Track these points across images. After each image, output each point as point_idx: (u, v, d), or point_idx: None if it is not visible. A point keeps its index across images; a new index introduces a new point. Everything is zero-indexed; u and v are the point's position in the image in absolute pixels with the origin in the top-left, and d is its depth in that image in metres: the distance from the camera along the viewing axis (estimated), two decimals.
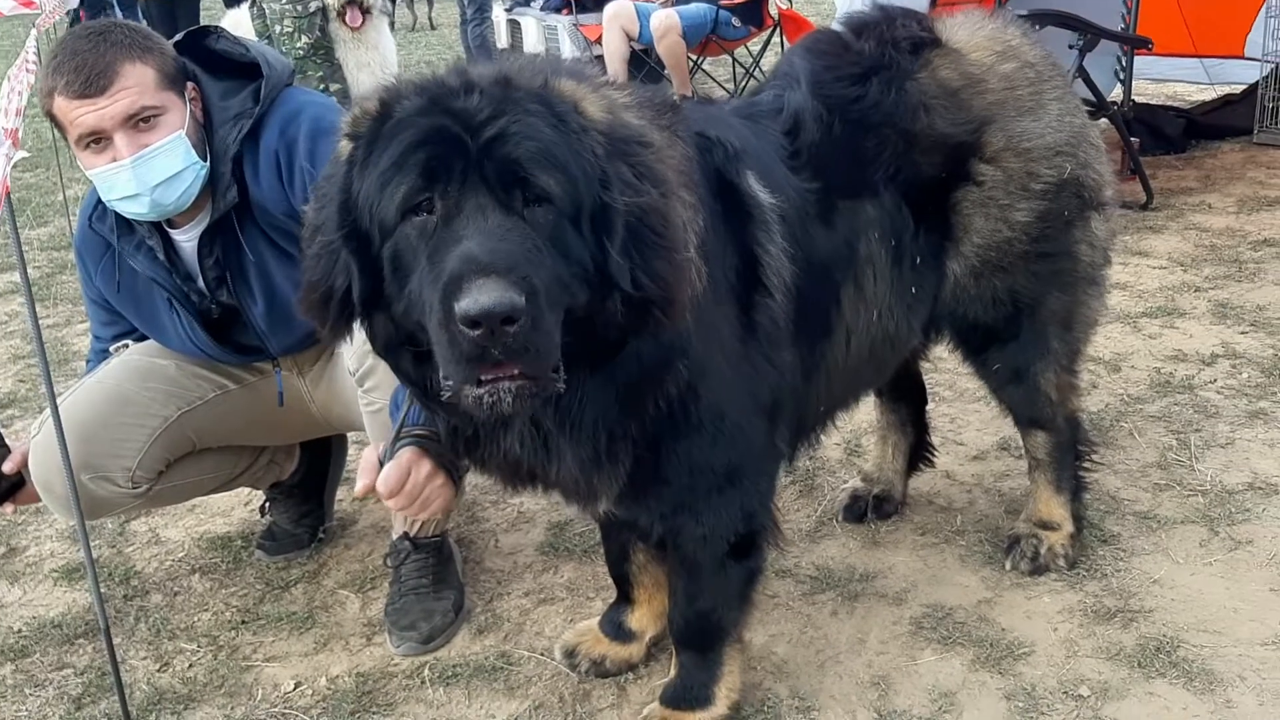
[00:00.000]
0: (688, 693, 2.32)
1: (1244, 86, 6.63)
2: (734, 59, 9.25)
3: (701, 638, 2.29)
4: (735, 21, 8.65)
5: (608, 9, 8.77)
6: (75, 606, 2.93)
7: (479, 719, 2.44)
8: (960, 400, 3.70)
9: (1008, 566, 2.79)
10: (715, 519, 2.11)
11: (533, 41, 10.52)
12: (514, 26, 10.78)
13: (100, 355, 2.75)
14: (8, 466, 2.56)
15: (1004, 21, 2.58)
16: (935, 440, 3.32)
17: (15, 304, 5.51)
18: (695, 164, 1.92)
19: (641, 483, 2.02)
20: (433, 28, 17.34)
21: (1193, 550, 2.80)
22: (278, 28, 6.76)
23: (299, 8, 6.58)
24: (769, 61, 9.24)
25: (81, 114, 2.32)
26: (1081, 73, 4.89)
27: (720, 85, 9.42)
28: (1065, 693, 2.38)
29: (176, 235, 2.61)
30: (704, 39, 8.64)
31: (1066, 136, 2.49)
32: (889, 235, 2.33)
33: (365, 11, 6.65)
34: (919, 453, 3.09)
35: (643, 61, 9.07)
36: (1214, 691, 2.34)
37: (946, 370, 3.77)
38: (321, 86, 6.79)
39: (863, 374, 2.49)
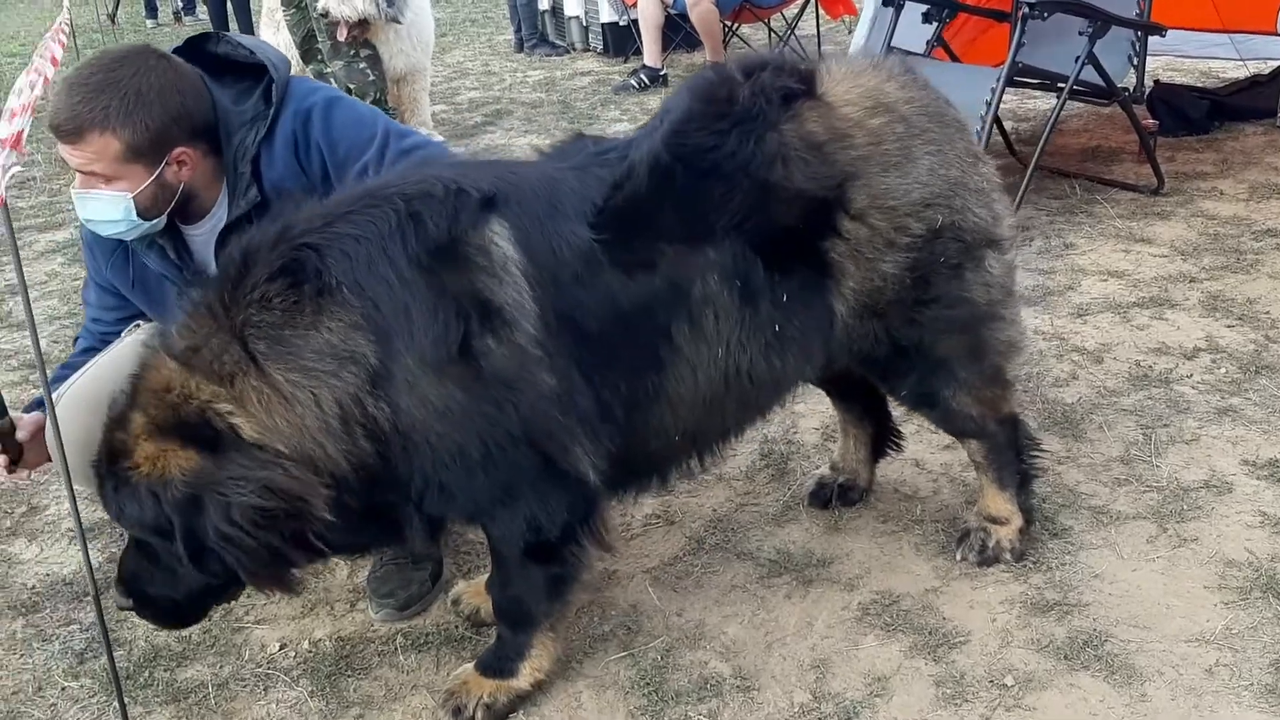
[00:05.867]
0: (496, 662, 2.57)
1: (1274, 63, 6.56)
2: (769, 26, 9.26)
3: (512, 619, 2.55)
4: None
5: None
6: None
7: (443, 685, 2.64)
8: None
9: (958, 558, 2.92)
10: (503, 527, 2.43)
11: (574, 5, 10.58)
12: None
13: (91, 336, 2.87)
14: (21, 435, 2.68)
15: (888, 72, 2.62)
16: (909, 428, 3.45)
17: (56, 264, 5.78)
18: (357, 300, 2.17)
19: (439, 506, 2.35)
20: None
21: (1139, 546, 2.91)
22: None
23: None
24: (807, 28, 9.25)
25: (57, 143, 2.51)
26: (1091, 59, 4.90)
27: (757, 52, 9.44)
28: (991, 681, 2.51)
29: (190, 230, 2.73)
30: (738, 6, 8.67)
31: (939, 190, 2.53)
32: (733, 277, 2.41)
33: (355, 26, 6.72)
34: (882, 442, 3.21)
35: (679, 27, 9.11)
36: (1131, 685, 2.46)
37: None
38: (352, 53, 6.94)
39: (725, 404, 2.54)
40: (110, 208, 2.53)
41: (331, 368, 2.14)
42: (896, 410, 3.17)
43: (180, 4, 14.92)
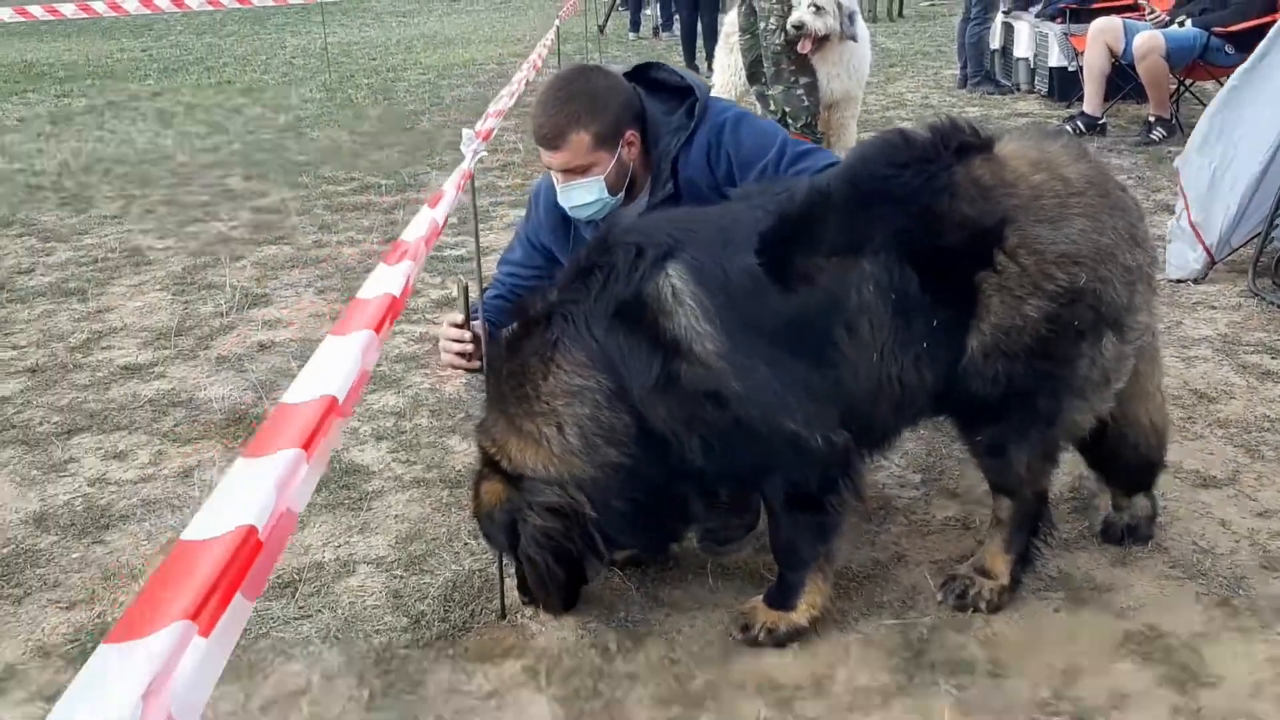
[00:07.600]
0: (779, 596, 3.06)
1: None
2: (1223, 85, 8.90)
3: (786, 560, 3.05)
4: (1229, 49, 8.37)
5: (1095, 23, 8.84)
6: None
7: (738, 607, 3.17)
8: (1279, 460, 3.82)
9: (938, 598, 3.17)
10: (769, 487, 2.98)
11: (1024, 47, 10.70)
12: (1008, 29, 11.00)
13: (501, 285, 3.51)
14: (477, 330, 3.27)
15: (1062, 145, 2.87)
16: (1228, 491, 3.57)
17: None
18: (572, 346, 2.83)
19: (712, 484, 3.02)
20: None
21: None
22: (762, 24, 7.65)
23: (783, 7, 7.40)
24: None
25: (540, 151, 3.30)
26: None
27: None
28: None
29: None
30: (1190, 62, 8.46)
31: (1087, 250, 2.76)
32: (888, 289, 2.76)
33: (818, 40, 7.34)
34: None
35: (1129, 77, 8.99)
36: None
37: (1271, 429, 3.91)
38: (792, 79, 7.62)
39: (880, 406, 2.90)
40: (587, 192, 3.28)
41: (565, 401, 2.79)
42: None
43: (660, 21, 16.53)
